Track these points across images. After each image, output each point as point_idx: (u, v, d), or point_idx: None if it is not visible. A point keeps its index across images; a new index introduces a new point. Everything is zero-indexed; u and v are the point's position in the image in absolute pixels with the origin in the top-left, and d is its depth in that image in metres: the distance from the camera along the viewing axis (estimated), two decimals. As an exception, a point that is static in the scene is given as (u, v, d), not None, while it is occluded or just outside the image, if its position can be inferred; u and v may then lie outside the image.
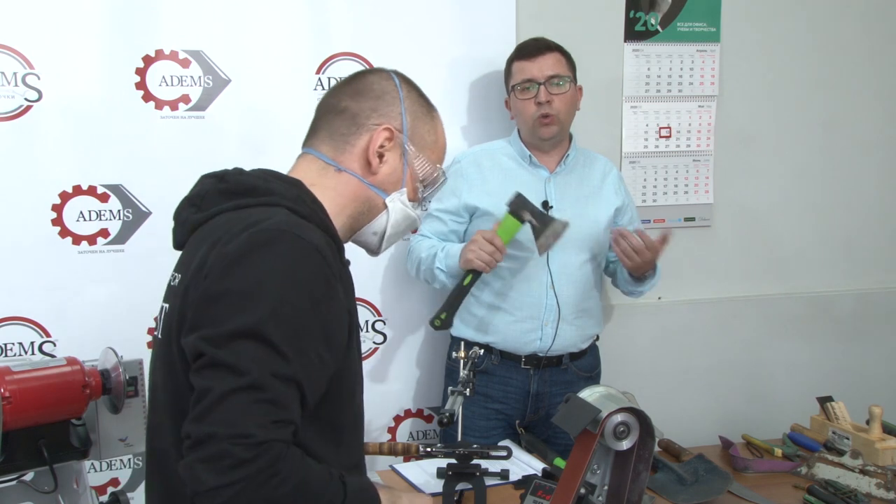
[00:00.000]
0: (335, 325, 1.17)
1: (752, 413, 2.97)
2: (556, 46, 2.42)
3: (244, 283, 1.11)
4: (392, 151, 1.33)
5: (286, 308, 1.10)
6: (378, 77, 1.36)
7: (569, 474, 1.46)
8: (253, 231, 1.15)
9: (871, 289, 3.21)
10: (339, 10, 2.56)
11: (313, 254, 1.15)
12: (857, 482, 2.02)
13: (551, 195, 2.42)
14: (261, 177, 1.27)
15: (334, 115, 1.34)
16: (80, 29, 2.36)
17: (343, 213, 1.33)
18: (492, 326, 2.42)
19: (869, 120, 3.14)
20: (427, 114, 1.38)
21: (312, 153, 1.34)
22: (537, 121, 2.38)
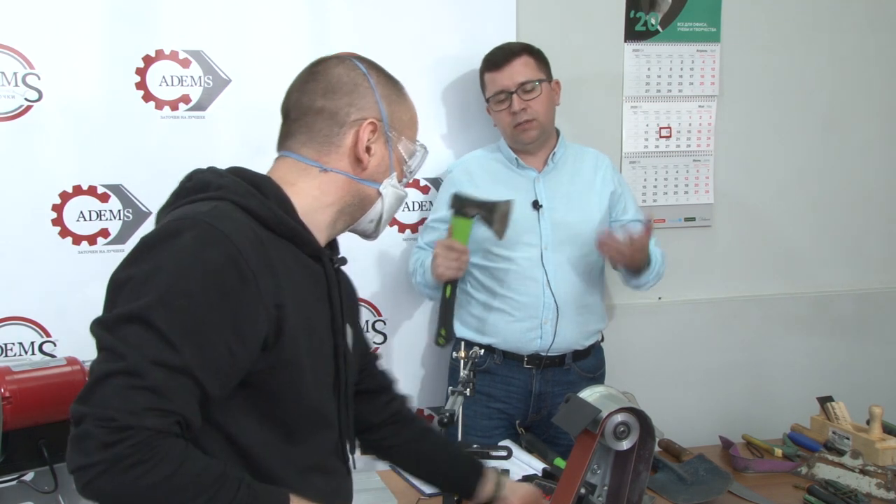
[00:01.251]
0: (248, 317, 1.13)
1: (752, 413, 2.97)
2: (522, 49, 2.42)
3: (143, 270, 1.10)
4: (378, 142, 1.32)
5: (180, 296, 1.08)
6: (344, 68, 1.33)
7: (569, 474, 1.47)
8: (168, 220, 1.15)
9: (872, 289, 3.21)
10: (340, 10, 2.56)
11: (223, 242, 1.12)
12: (858, 482, 2.01)
13: (541, 194, 2.42)
14: (221, 173, 1.26)
15: (311, 117, 1.31)
16: (81, 29, 2.36)
17: (330, 209, 1.31)
18: (491, 327, 2.43)
19: (869, 120, 3.13)
20: (398, 94, 1.37)
21: (293, 156, 1.32)
22: (515, 129, 2.40)
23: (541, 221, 2.41)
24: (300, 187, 1.29)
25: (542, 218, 2.41)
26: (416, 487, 1.99)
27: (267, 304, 1.14)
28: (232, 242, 1.12)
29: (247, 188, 1.22)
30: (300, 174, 1.30)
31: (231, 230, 1.13)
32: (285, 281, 1.18)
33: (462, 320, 2.48)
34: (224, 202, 1.19)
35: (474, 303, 2.47)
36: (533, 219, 2.40)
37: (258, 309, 1.13)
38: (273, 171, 1.32)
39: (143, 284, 1.08)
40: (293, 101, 1.34)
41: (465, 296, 2.51)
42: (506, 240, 2.35)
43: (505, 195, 2.38)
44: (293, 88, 1.35)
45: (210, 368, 1.09)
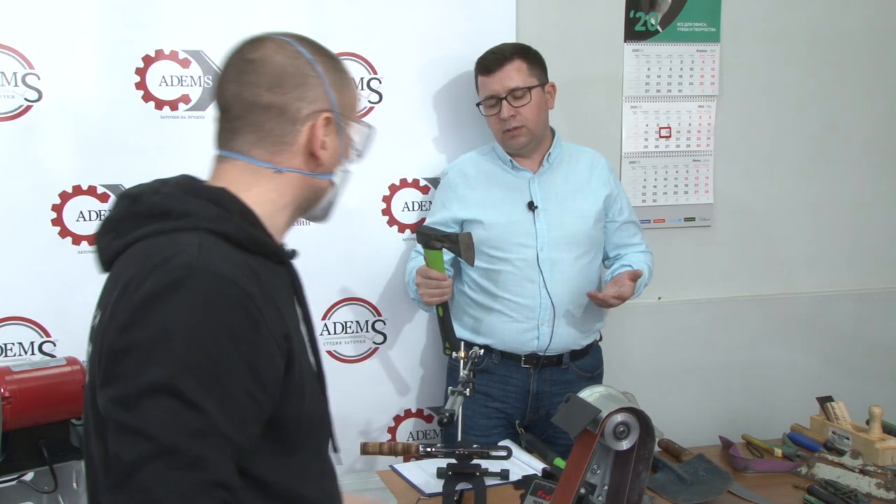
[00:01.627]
0: (265, 359, 1.06)
1: (752, 413, 2.97)
2: (515, 52, 2.39)
3: (150, 334, 1.00)
4: (330, 134, 1.23)
5: (199, 355, 1.00)
6: (286, 55, 1.21)
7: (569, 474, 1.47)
8: (159, 272, 1.03)
9: (871, 289, 3.21)
10: (340, 10, 2.56)
11: (229, 288, 1.04)
12: (857, 482, 2.02)
13: (536, 195, 2.42)
14: (177, 196, 1.14)
15: (258, 114, 1.19)
16: (80, 29, 2.36)
17: (287, 209, 1.24)
18: (489, 328, 2.43)
19: (869, 120, 3.14)
20: (343, 76, 1.27)
21: (242, 158, 1.21)
22: (506, 134, 2.39)
23: (536, 223, 2.41)
24: (256, 192, 1.20)
25: (537, 219, 2.41)
26: (416, 487, 2.00)
27: (277, 339, 1.08)
28: (238, 286, 1.04)
29: (216, 211, 1.13)
30: (253, 178, 1.20)
31: (232, 272, 1.05)
32: (279, 304, 1.13)
33: (460, 321, 2.49)
34: (200, 233, 1.09)
35: (471, 304, 2.47)
36: (528, 220, 2.41)
37: (272, 349, 1.08)
38: (223, 176, 1.21)
39: (153, 351, 1.00)
40: (232, 94, 1.21)
41: (463, 297, 2.51)
42: (501, 241, 2.38)
43: (500, 196, 2.41)
44: (228, 79, 1.22)
45: (239, 424, 1.03)
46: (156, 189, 1.16)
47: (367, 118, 2.60)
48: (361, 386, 2.71)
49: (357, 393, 2.69)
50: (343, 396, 2.67)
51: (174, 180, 1.18)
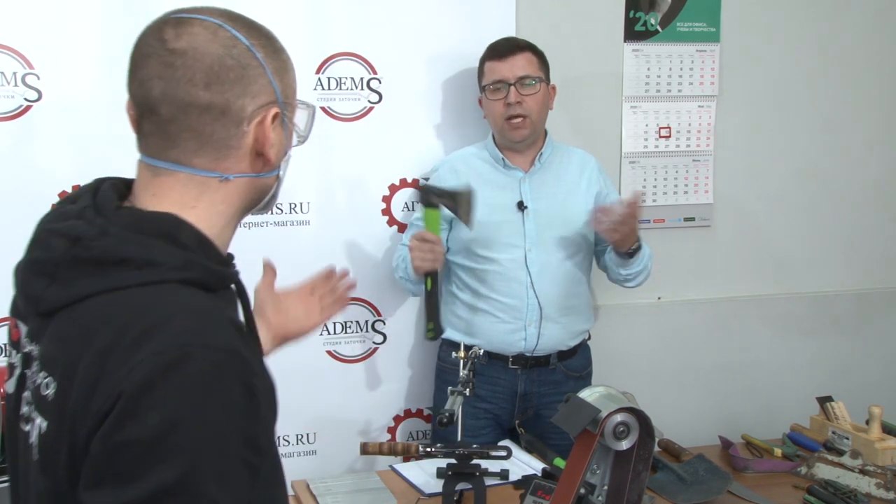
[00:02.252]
0: (263, 425, 0.97)
1: (751, 413, 2.97)
2: (527, 46, 2.42)
3: (153, 428, 0.87)
4: (277, 128, 1.07)
5: (211, 445, 0.90)
6: (221, 44, 1.02)
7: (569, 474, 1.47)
8: (149, 355, 0.89)
9: (871, 289, 3.21)
10: (339, 10, 2.56)
11: (231, 361, 0.92)
12: (857, 482, 2.02)
13: (526, 195, 2.42)
14: (130, 239, 0.97)
15: (196, 117, 1.01)
16: (80, 29, 2.36)
17: (233, 219, 1.09)
18: (476, 328, 2.43)
19: (869, 119, 3.14)
20: (283, 57, 1.10)
21: (185, 171, 1.03)
22: (507, 122, 2.38)
23: (525, 222, 2.40)
24: (203, 208, 1.04)
25: (526, 219, 2.40)
26: (416, 487, 2.00)
27: (269, 397, 0.99)
28: (239, 357, 0.93)
29: (182, 256, 0.98)
30: (199, 191, 1.04)
31: (230, 341, 0.94)
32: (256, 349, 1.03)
33: (447, 321, 2.49)
34: (172, 288, 0.96)
35: (459, 303, 2.48)
36: (518, 220, 2.40)
37: (269, 413, 0.99)
38: (165, 193, 1.04)
39: (159, 447, 0.88)
40: (159, 92, 1.01)
41: (451, 296, 2.52)
42: (490, 241, 2.38)
43: (490, 195, 2.39)
44: (151, 73, 1.01)
45: (243, 494, 0.94)
46: (100, 228, 0.97)
47: (367, 118, 2.61)
48: (361, 386, 2.71)
49: (357, 393, 2.70)
50: (343, 396, 2.69)
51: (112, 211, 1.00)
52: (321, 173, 2.61)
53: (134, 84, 1.03)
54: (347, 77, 2.58)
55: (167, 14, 1.05)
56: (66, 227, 0.99)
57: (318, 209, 2.61)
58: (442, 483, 1.86)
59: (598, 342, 2.76)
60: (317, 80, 2.55)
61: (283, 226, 2.58)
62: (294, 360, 2.62)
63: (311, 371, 2.64)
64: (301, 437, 2.66)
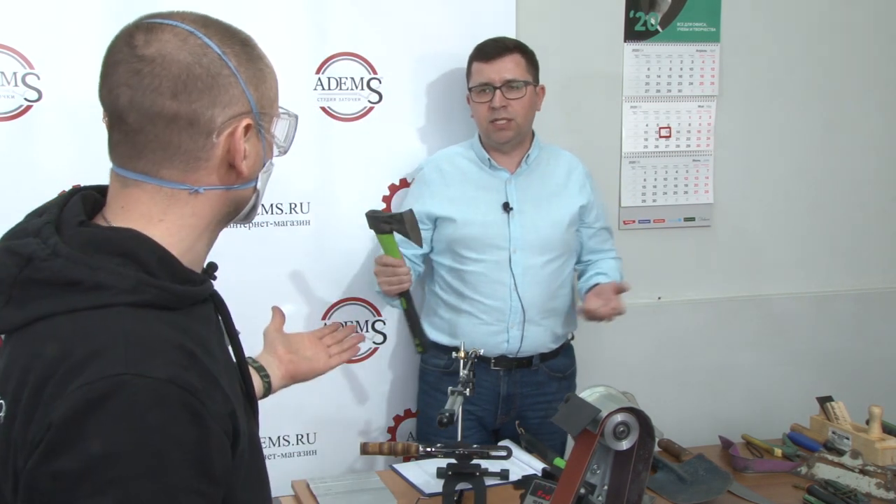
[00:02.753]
0: (215, 454, 0.92)
1: (751, 413, 2.97)
2: (515, 47, 2.39)
3: (82, 462, 0.84)
4: (251, 140, 1.03)
5: (145, 476, 0.86)
6: (190, 51, 0.98)
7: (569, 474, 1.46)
8: (81, 386, 0.86)
9: (871, 288, 3.21)
10: (339, 10, 2.56)
11: (167, 391, 0.88)
12: (857, 482, 2.02)
13: (512, 197, 2.40)
14: (82, 261, 0.94)
15: (163, 127, 0.98)
16: (80, 29, 2.36)
17: (209, 230, 1.06)
18: (459, 329, 2.42)
19: (869, 119, 3.14)
20: (259, 66, 1.06)
21: (152, 182, 1.00)
22: (491, 125, 2.35)
23: (510, 224, 2.39)
24: (171, 222, 1.01)
25: (511, 221, 2.39)
26: (416, 487, 2.00)
27: (224, 425, 0.94)
28: (176, 386, 0.89)
29: (134, 277, 0.95)
30: (166, 204, 1.01)
31: (168, 370, 0.89)
32: (219, 370, 0.98)
33: (431, 322, 2.49)
34: (119, 311, 0.93)
35: (442, 304, 2.47)
36: (503, 221, 2.39)
37: (222, 440, 0.94)
38: (132, 205, 1.01)
39: (89, 481, 0.85)
40: (126, 101, 0.98)
41: (434, 297, 2.51)
42: (474, 241, 2.36)
43: (475, 196, 2.39)
44: (119, 80, 0.98)
45: None
46: (52, 248, 0.95)
47: (367, 118, 2.60)
48: (361, 386, 2.71)
49: (357, 393, 2.70)
50: (343, 396, 2.69)
51: (72, 230, 0.98)
52: (321, 173, 2.61)
53: (104, 91, 1.01)
54: (347, 77, 2.58)
55: (140, 18, 1.02)
56: (20, 245, 0.96)
57: (318, 209, 2.61)
58: (442, 483, 1.86)
59: (598, 342, 2.77)
60: (317, 80, 2.55)
61: (283, 226, 2.58)
62: (294, 360, 2.63)
63: (311, 371, 2.64)
64: (301, 436, 2.66)
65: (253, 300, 2.45)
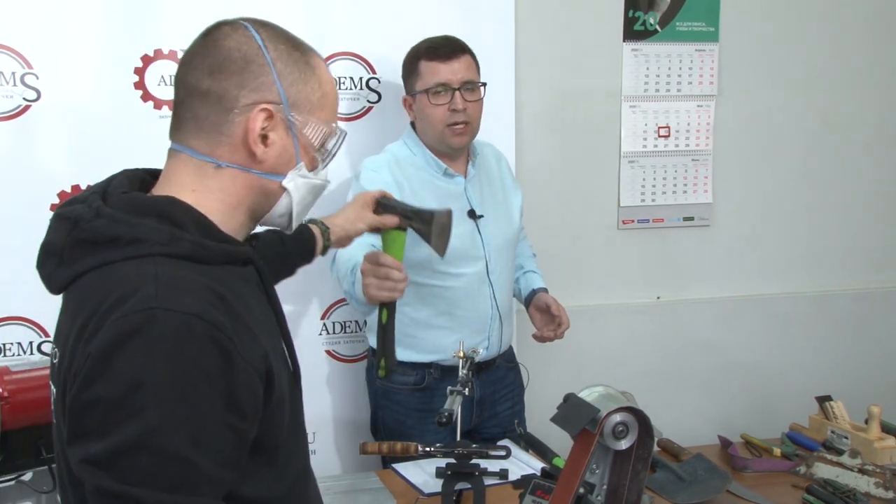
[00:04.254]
0: (244, 390, 0.99)
1: (750, 412, 2.97)
2: (468, 48, 2.26)
3: (117, 387, 0.93)
4: (277, 130, 1.11)
5: (175, 403, 0.93)
6: (235, 39, 1.11)
7: (568, 474, 1.46)
8: (116, 319, 0.95)
9: (870, 288, 3.21)
10: (338, 9, 2.56)
11: (195, 324, 0.95)
12: (856, 481, 2.02)
13: (474, 202, 2.29)
14: (122, 220, 1.04)
15: (197, 100, 1.10)
16: (79, 28, 2.36)
17: (238, 210, 1.13)
18: (436, 345, 2.27)
19: (868, 119, 3.14)
20: (305, 68, 1.14)
21: (185, 151, 1.11)
22: (448, 129, 2.21)
23: (481, 232, 2.28)
24: (202, 193, 1.10)
25: (482, 228, 2.28)
26: (415, 487, 2.00)
27: (255, 364, 1.01)
28: (204, 321, 0.96)
29: (169, 231, 1.04)
30: (196, 175, 1.11)
31: (196, 306, 0.97)
32: (252, 320, 1.05)
33: (401, 342, 2.01)
34: (154, 260, 1.01)
35: (411, 323, 2.26)
36: (473, 230, 2.27)
37: (250, 377, 1.00)
38: (171, 174, 1.13)
39: (123, 405, 0.92)
40: (178, 77, 1.12)
41: (401, 315, 2.00)
42: (451, 256, 1.99)
43: (441, 205, 2.00)
44: (183, 60, 1.13)
45: (225, 463, 0.98)
46: (96, 210, 1.05)
47: (367, 118, 2.60)
48: (361, 386, 2.71)
49: (356, 393, 2.69)
50: (342, 396, 2.69)
51: (116, 197, 1.07)
52: (320, 173, 2.61)
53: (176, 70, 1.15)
54: (347, 77, 2.58)
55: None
56: (69, 210, 1.07)
57: (317, 209, 2.59)
58: (441, 483, 1.86)
59: (598, 341, 2.77)
60: (316, 80, 2.55)
61: (283, 225, 2.58)
62: (293, 360, 2.63)
63: (310, 371, 2.63)
64: (300, 436, 2.67)
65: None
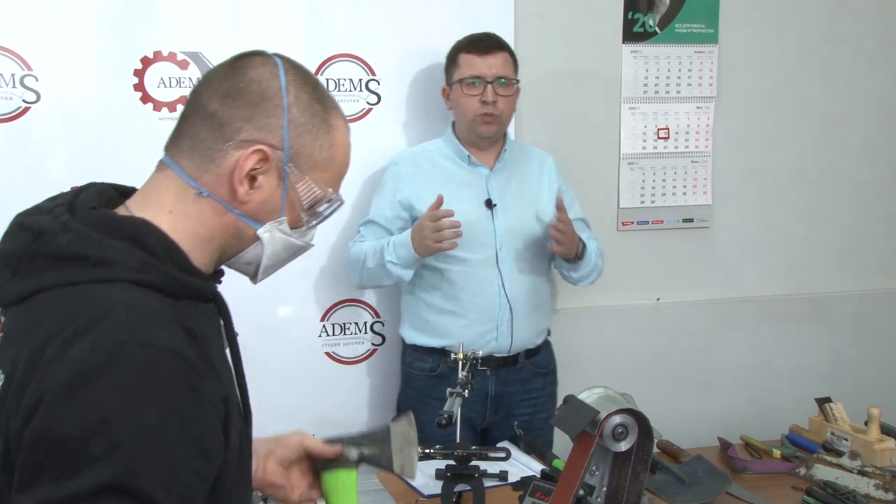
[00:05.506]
0: (209, 431, 0.94)
1: (750, 414, 2.97)
2: (506, 46, 2.42)
3: (86, 424, 0.85)
4: (268, 174, 1.04)
5: (148, 443, 0.87)
6: (260, 73, 1.05)
7: (567, 475, 1.46)
8: (82, 350, 0.88)
9: (870, 290, 3.21)
10: (338, 11, 2.56)
11: (169, 360, 0.90)
12: (856, 483, 2.02)
13: (493, 193, 2.40)
14: (92, 238, 0.97)
15: (201, 120, 1.04)
16: (79, 30, 2.36)
17: (210, 244, 1.06)
18: (445, 330, 2.40)
19: (866, 121, 3.14)
20: (321, 124, 1.07)
21: (173, 167, 1.06)
22: (478, 118, 2.35)
23: (495, 220, 2.39)
24: (178, 218, 1.04)
25: (496, 217, 2.39)
26: (415, 489, 1.99)
27: (217, 406, 0.96)
28: (178, 356, 0.91)
29: (139, 257, 0.97)
30: (177, 197, 1.04)
31: (169, 340, 0.91)
32: (215, 359, 1.00)
33: (414, 325, 2.47)
34: (123, 286, 0.95)
35: (425, 307, 2.43)
36: (487, 218, 2.38)
37: (215, 421, 0.95)
38: (152, 189, 1.07)
39: (93, 444, 0.85)
40: (195, 92, 1.08)
41: (415, 300, 2.47)
42: (460, 240, 2.22)
43: (456, 193, 2.32)
44: (205, 76, 1.09)
45: (191, 501, 0.92)
46: (63, 224, 0.98)
47: (366, 119, 2.60)
48: (360, 387, 2.71)
49: (356, 394, 2.70)
50: (341, 398, 2.68)
51: (85, 212, 1.01)
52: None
53: None
54: (346, 78, 2.58)
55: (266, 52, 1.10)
56: (32, 220, 1.00)
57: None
58: (441, 484, 1.86)
59: (598, 343, 2.77)
60: (315, 82, 2.55)
61: (282, 227, 2.58)
62: (293, 362, 2.63)
63: (310, 372, 2.64)
64: (300, 438, 2.66)
65: (252, 301, 2.46)
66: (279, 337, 2.60)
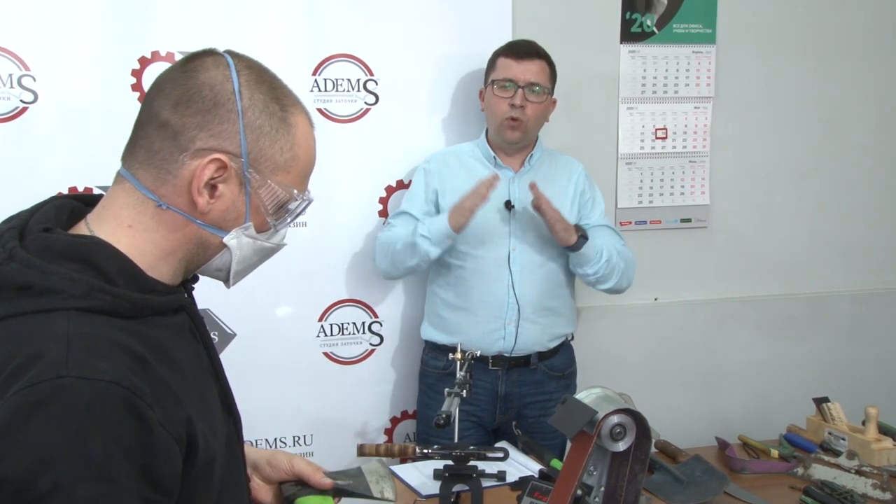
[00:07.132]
0: (160, 459, 0.90)
1: (748, 414, 2.97)
2: (545, 55, 2.44)
3: (24, 465, 0.83)
4: (229, 183, 1.01)
5: (89, 480, 0.84)
6: (212, 76, 1.01)
7: (565, 476, 1.47)
8: (20, 389, 0.85)
9: (868, 290, 3.21)
10: (336, 11, 2.56)
11: (110, 392, 0.86)
12: (854, 483, 2.02)
13: (514, 195, 2.43)
14: (36, 266, 0.93)
15: (154, 130, 1.00)
16: (76, 30, 2.36)
17: (173, 257, 1.03)
18: (457, 327, 2.44)
19: (865, 121, 3.14)
20: (280, 124, 1.04)
21: (130, 180, 1.02)
22: (506, 121, 2.39)
23: (511, 222, 2.42)
24: (138, 232, 1.01)
25: (513, 218, 2.42)
26: (413, 489, 1.99)
27: (176, 429, 0.92)
28: (121, 387, 0.87)
29: (87, 283, 0.93)
30: (136, 210, 1.01)
31: (110, 371, 0.87)
32: (175, 378, 0.96)
33: (432, 322, 2.51)
34: (68, 315, 0.91)
35: (441, 303, 2.49)
36: (504, 218, 2.42)
37: (170, 447, 0.91)
38: (111, 203, 1.03)
39: (32, 486, 0.83)
40: (148, 98, 1.03)
41: (434, 296, 2.52)
42: (474, 237, 2.37)
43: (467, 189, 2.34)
44: (157, 81, 1.04)
45: None
46: (10, 252, 0.94)
47: (364, 120, 2.60)
48: (358, 388, 2.71)
49: (354, 395, 2.70)
50: (340, 398, 2.69)
51: (34, 236, 0.96)
52: (317, 174, 2.57)
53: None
54: (344, 78, 2.58)
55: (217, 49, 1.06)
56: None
57: (315, 210, 2.59)
58: (439, 485, 1.86)
59: (595, 343, 2.77)
60: (313, 82, 2.55)
61: (280, 227, 2.58)
62: (291, 362, 2.63)
63: (308, 373, 2.64)
64: (298, 438, 2.66)
65: (251, 301, 2.46)
66: (277, 337, 2.60)
